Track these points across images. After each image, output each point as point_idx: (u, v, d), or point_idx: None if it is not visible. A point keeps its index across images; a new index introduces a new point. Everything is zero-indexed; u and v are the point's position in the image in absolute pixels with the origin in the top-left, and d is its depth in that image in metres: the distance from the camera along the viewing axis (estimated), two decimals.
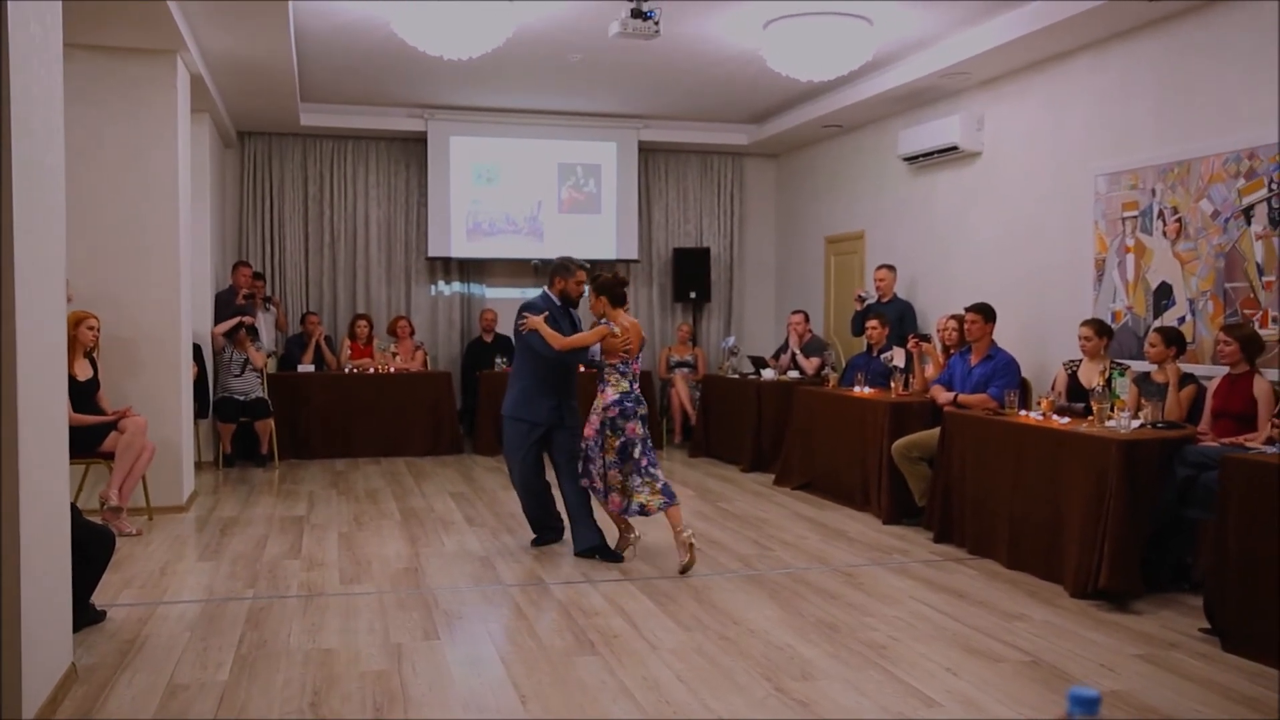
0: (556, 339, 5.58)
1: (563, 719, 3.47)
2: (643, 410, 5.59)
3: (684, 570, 5.36)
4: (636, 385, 5.62)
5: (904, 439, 6.63)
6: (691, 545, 5.38)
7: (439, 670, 3.92)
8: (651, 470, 5.49)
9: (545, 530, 5.97)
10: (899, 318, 8.46)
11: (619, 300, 5.66)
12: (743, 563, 5.62)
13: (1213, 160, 5.97)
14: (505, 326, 10.48)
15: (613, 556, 5.60)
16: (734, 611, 4.69)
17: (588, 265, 5.98)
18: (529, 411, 5.74)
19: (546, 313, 5.70)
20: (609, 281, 5.70)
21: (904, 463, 6.59)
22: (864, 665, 3.98)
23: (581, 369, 5.94)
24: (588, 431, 5.58)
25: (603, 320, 5.64)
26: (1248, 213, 5.75)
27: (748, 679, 3.83)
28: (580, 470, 5.64)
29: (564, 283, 5.82)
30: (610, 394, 5.53)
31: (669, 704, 3.58)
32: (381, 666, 3.95)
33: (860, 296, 8.96)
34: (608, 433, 5.49)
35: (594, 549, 5.63)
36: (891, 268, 8.80)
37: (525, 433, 5.76)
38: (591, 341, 5.59)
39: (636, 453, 5.48)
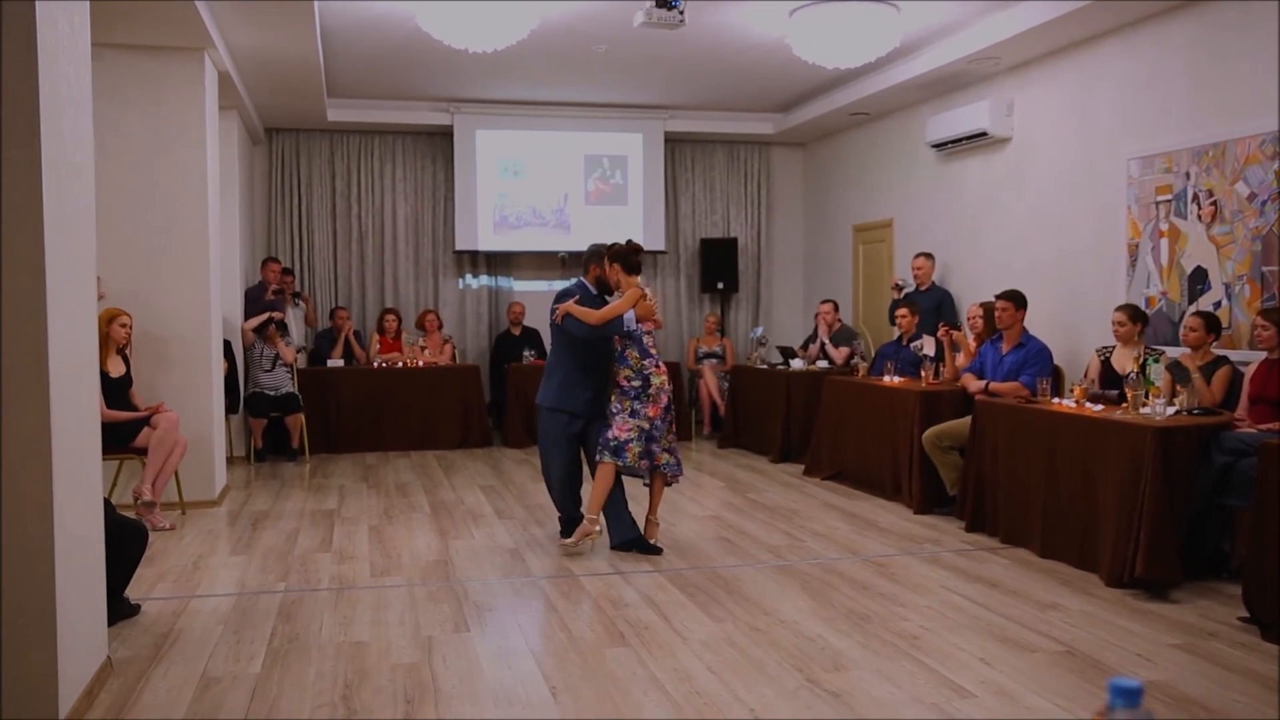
0: (590, 314, 5.53)
1: (593, 711, 3.47)
2: None
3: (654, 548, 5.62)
4: None
5: (935, 428, 6.58)
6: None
7: (470, 662, 3.92)
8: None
9: (573, 524, 5.96)
10: (936, 306, 8.40)
11: (633, 268, 5.59)
12: (773, 554, 5.60)
13: (1248, 142, 5.87)
14: (533, 319, 10.51)
15: (651, 549, 5.58)
16: (765, 602, 4.67)
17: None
18: (569, 402, 5.70)
19: (577, 296, 5.69)
20: (623, 249, 5.61)
21: (935, 452, 6.54)
22: (896, 656, 3.95)
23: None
24: (652, 412, 5.48)
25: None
26: None
27: (779, 670, 3.81)
28: (641, 453, 5.50)
29: (599, 269, 5.76)
30: (663, 368, 5.56)
31: (700, 695, 3.57)
32: (412, 659, 3.96)
33: (898, 285, 8.90)
34: (668, 404, 5.57)
35: (632, 542, 5.61)
36: (929, 256, 8.72)
37: (565, 424, 5.73)
38: (626, 308, 5.48)
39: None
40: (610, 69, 8.98)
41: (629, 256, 5.59)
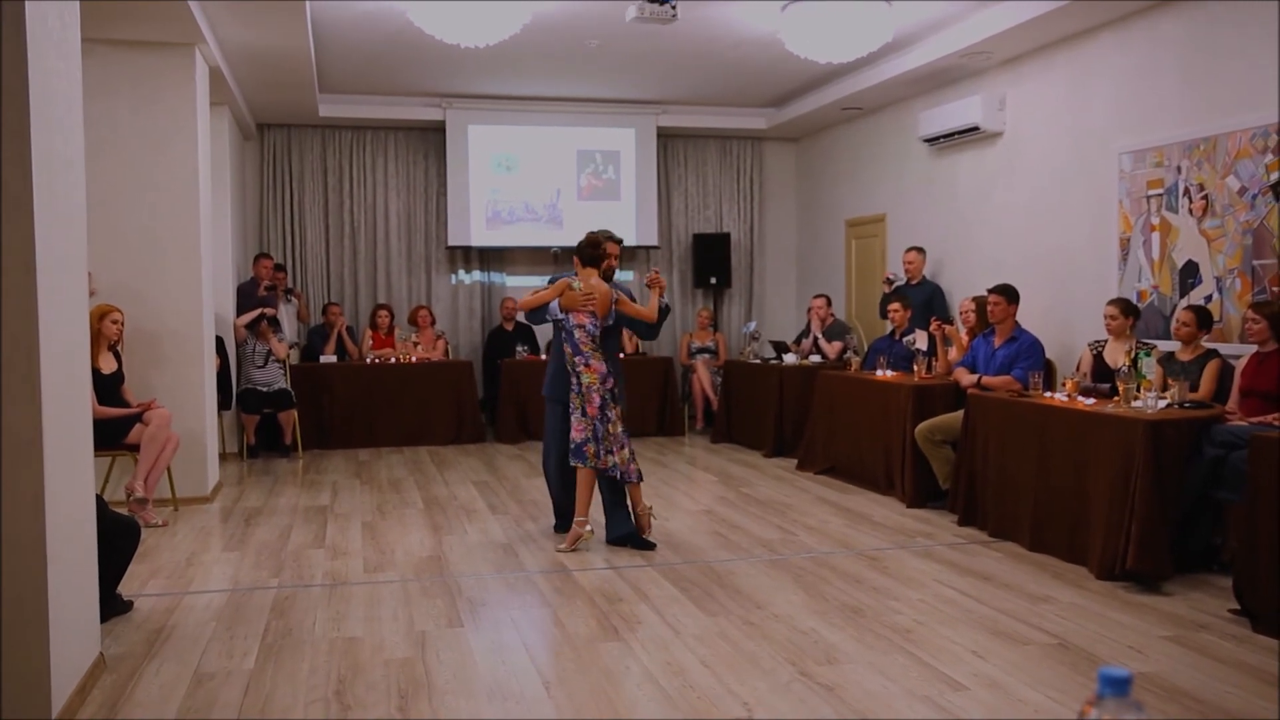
0: (523, 301, 5.72)
1: (587, 705, 3.47)
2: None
3: (648, 543, 5.59)
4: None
5: (927, 422, 6.60)
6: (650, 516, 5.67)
7: (463, 657, 3.93)
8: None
9: (567, 517, 5.95)
10: (927, 300, 8.41)
11: (588, 260, 5.58)
12: (766, 548, 5.60)
13: (1239, 136, 5.89)
14: (532, 319, 10.48)
15: (644, 544, 5.57)
16: (758, 596, 4.68)
17: (618, 237, 5.85)
18: (560, 391, 5.72)
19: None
20: (583, 241, 5.65)
21: (927, 445, 6.55)
22: (889, 649, 3.96)
23: (621, 355, 5.93)
24: (590, 411, 5.48)
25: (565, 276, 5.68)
26: (1276, 188, 5.67)
27: (772, 664, 3.82)
28: (597, 453, 5.49)
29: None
30: (598, 365, 5.49)
31: (693, 689, 3.58)
32: (406, 654, 3.96)
33: (889, 279, 8.91)
34: (611, 402, 5.50)
35: (626, 537, 5.61)
36: (921, 250, 8.73)
37: (560, 414, 5.74)
38: (550, 298, 5.55)
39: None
40: (603, 64, 8.97)
41: (584, 249, 5.62)
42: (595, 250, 5.59)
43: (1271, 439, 4.27)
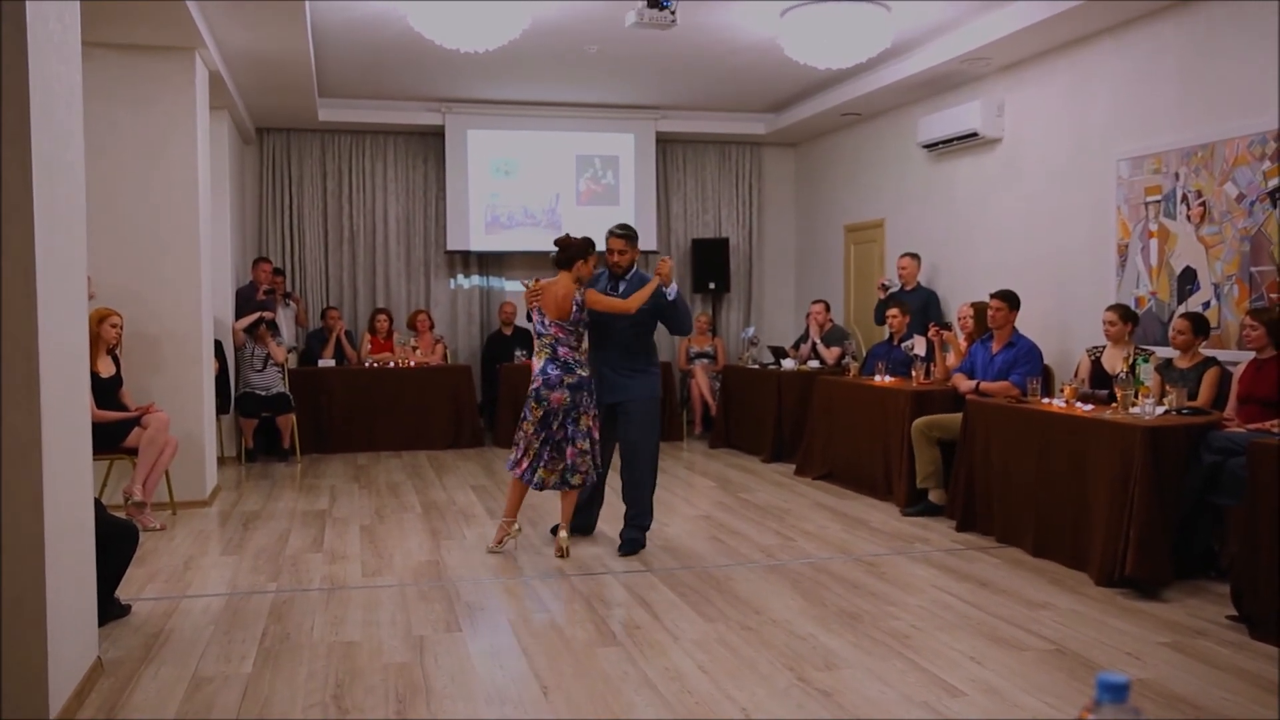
0: None
1: (585, 710, 3.47)
2: (571, 380, 5.42)
3: (494, 548, 5.59)
4: (566, 352, 5.44)
5: (926, 417, 6.57)
6: (564, 550, 5.49)
7: (461, 662, 3.92)
8: (569, 447, 5.43)
9: (577, 518, 5.88)
10: (922, 306, 8.41)
11: (557, 262, 5.57)
12: (764, 553, 5.60)
13: (1237, 143, 5.90)
14: (524, 319, 10.48)
15: (629, 548, 5.57)
16: (756, 602, 4.67)
17: (618, 230, 5.77)
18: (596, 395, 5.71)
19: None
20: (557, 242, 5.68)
21: (920, 441, 6.51)
22: (887, 655, 3.96)
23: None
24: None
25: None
26: (1274, 195, 5.68)
27: (770, 669, 3.82)
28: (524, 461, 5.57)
29: (594, 260, 5.69)
30: (535, 363, 5.53)
31: (691, 694, 3.58)
32: (404, 659, 3.96)
33: (884, 285, 8.92)
34: (532, 403, 5.47)
35: (628, 542, 5.62)
36: (915, 256, 8.75)
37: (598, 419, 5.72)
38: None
39: (554, 425, 5.45)
40: (602, 69, 8.98)
41: (556, 252, 5.61)
42: (563, 254, 5.58)
43: (1270, 445, 4.27)
